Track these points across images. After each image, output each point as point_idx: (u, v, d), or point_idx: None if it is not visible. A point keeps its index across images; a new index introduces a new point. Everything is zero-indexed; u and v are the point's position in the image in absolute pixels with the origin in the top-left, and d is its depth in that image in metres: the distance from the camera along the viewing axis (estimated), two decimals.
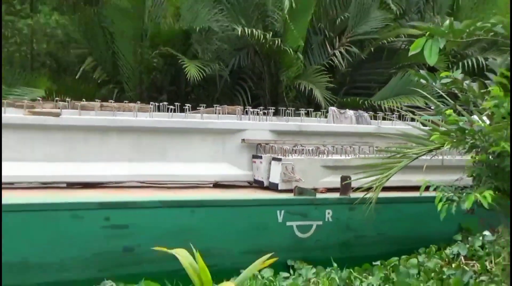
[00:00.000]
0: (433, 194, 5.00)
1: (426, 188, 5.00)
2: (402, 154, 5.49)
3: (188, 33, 13.55)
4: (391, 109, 11.36)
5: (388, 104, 12.50)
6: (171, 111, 7.91)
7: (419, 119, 6.25)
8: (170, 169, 7.19)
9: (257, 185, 7.44)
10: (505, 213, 5.00)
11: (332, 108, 9.46)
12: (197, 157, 7.33)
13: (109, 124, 7.14)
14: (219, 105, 8.49)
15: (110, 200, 6.16)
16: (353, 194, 6.61)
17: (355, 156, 7.38)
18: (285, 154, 7.26)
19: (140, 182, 7.08)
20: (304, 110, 9.01)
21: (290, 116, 8.71)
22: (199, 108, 8.23)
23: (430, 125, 5.60)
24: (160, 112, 7.99)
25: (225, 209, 6.50)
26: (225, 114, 8.23)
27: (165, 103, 8.13)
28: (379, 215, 5.81)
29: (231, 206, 6.58)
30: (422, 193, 5.03)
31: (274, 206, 6.63)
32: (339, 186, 6.87)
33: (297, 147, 7.39)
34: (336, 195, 6.94)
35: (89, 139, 6.92)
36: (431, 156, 5.47)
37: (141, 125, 7.29)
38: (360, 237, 6.92)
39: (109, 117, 7.42)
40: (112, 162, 6.95)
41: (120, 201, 6.17)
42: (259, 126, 7.88)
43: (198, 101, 9.29)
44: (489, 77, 5.17)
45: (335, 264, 6.35)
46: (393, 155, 5.60)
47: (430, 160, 5.61)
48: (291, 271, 6.28)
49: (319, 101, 12.48)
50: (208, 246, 4.12)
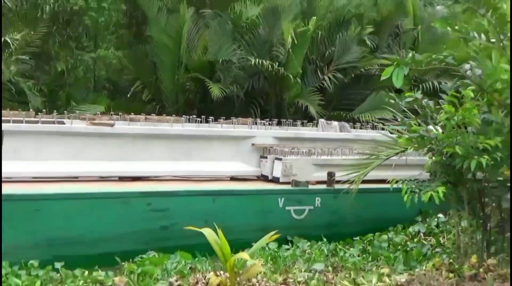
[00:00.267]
0: (400, 186, 4.98)
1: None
2: (375, 155, 5.48)
3: (213, 63, 13.61)
4: (367, 121, 11.37)
5: (365, 117, 12.62)
6: (198, 122, 8.01)
7: (387, 129, 6.18)
8: (196, 166, 7.10)
9: (264, 178, 7.37)
10: (454, 200, 5.01)
11: (321, 120, 9.49)
12: (217, 157, 7.26)
13: (151, 132, 7.08)
14: (235, 118, 8.70)
15: (151, 190, 6.21)
16: (337, 186, 6.71)
17: (339, 157, 7.32)
18: (284, 155, 7.21)
19: (174, 176, 7.01)
20: (300, 121, 9.08)
21: (289, 126, 8.72)
22: (219, 120, 8.36)
23: (396, 133, 5.62)
24: (190, 123, 8.05)
25: (239, 197, 6.52)
26: (239, 124, 8.35)
27: (195, 116, 8.23)
28: (357, 202, 5.73)
29: (243, 194, 6.61)
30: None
31: (276, 194, 6.64)
32: (326, 179, 6.91)
33: (294, 149, 7.33)
34: (324, 186, 6.93)
35: (135, 144, 6.86)
36: (398, 156, 5.42)
37: (175, 133, 7.22)
38: (342, 218, 6.89)
39: (151, 127, 7.41)
40: (153, 161, 6.88)
41: (159, 191, 6.21)
42: (265, 133, 7.83)
43: (220, 115, 9.29)
44: (442, 97, 5.21)
45: (324, 239, 6.32)
46: (368, 156, 5.57)
47: (397, 160, 5.53)
48: (290, 245, 6.26)
49: (313, 114, 12.55)
50: (226, 225, 4.05)
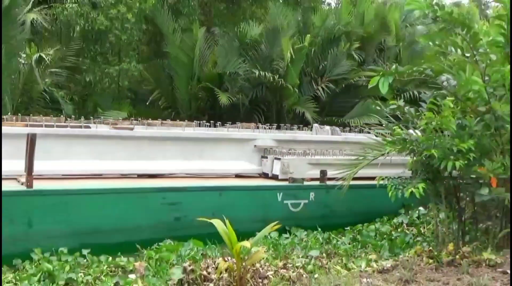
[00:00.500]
0: (385, 182, 5.03)
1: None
2: (363, 156, 5.47)
3: (222, 75, 13.61)
4: (355, 125, 11.35)
5: (354, 123, 12.59)
6: (208, 126, 8.01)
7: (373, 132, 6.11)
8: (205, 165, 7.04)
9: (264, 176, 7.32)
10: (433, 195, 5.02)
11: (315, 124, 9.50)
12: (224, 157, 7.20)
13: (166, 135, 7.04)
14: (240, 123, 8.70)
15: (166, 185, 6.21)
16: (328, 182, 6.72)
17: (330, 157, 7.26)
18: (283, 155, 7.16)
19: (185, 174, 6.95)
20: (297, 126, 9.09)
21: (287, 130, 8.70)
22: (226, 125, 8.42)
23: (380, 136, 5.61)
24: (200, 127, 8.01)
25: (243, 192, 6.53)
26: (243, 128, 8.34)
27: (205, 121, 8.27)
28: (347, 196, 5.66)
29: (247, 190, 6.61)
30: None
31: (276, 190, 6.64)
32: (319, 176, 6.91)
33: (291, 150, 7.29)
34: (317, 182, 6.91)
35: (152, 145, 6.81)
36: (383, 157, 5.35)
37: (187, 136, 7.18)
38: (334, 211, 6.86)
39: (166, 130, 7.38)
40: (167, 160, 6.82)
41: (173, 186, 6.22)
42: (265, 136, 7.79)
43: (228, 120, 9.29)
44: (422, 105, 5.24)
45: (319, 229, 6.29)
46: (357, 157, 5.54)
47: (383, 159, 5.45)
48: (288, 234, 6.23)
49: (309, 119, 12.64)
50: (232, 217, 3.98)
